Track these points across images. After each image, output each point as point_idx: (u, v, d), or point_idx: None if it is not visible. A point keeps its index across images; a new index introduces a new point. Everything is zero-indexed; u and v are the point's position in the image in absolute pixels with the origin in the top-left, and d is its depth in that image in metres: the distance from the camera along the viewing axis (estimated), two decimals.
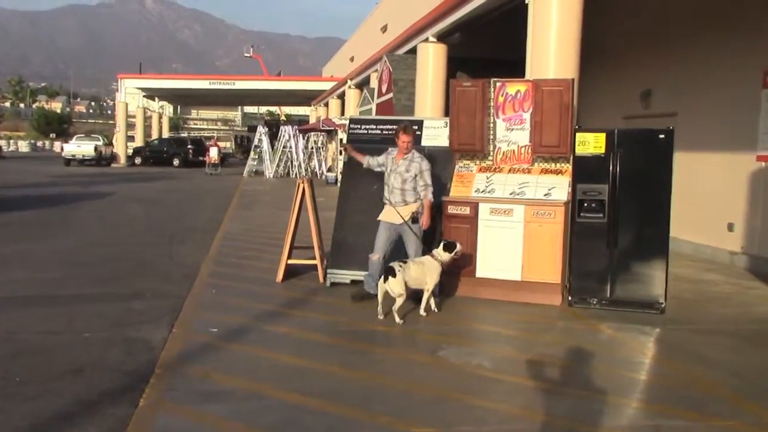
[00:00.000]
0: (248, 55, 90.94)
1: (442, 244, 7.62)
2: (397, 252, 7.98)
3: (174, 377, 5.45)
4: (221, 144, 54.00)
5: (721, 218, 11.55)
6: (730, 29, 11.36)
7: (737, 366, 6.11)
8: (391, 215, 7.94)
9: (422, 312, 7.48)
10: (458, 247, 7.61)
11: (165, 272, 9.64)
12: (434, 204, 8.04)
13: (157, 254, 11.07)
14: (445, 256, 7.52)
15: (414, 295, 7.62)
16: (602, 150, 7.99)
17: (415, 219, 7.89)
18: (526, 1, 10.02)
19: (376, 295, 7.40)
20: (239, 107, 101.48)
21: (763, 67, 10.64)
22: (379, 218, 8.05)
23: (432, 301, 7.57)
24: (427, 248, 7.73)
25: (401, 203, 7.90)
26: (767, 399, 5.23)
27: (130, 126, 53.20)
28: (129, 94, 51.78)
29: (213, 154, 37.96)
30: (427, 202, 7.85)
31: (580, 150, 8.10)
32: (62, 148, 46.75)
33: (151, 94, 56.97)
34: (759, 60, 10.73)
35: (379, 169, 8.27)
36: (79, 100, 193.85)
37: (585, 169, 8.10)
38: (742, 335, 7.12)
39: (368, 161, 8.44)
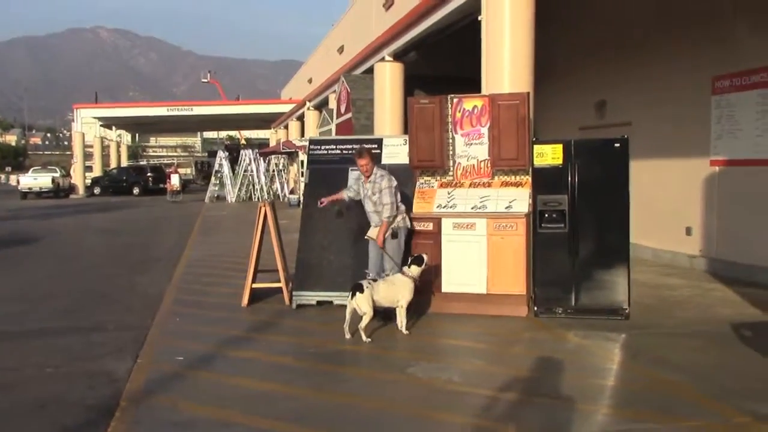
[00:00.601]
0: (206, 80, 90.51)
1: (410, 259, 7.63)
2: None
3: (140, 409, 5.35)
4: (182, 170, 53.65)
5: (679, 223, 11.75)
6: (680, 39, 11.61)
7: (702, 367, 6.19)
8: (373, 233, 8.03)
9: (404, 330, 7.45)
10: (425, 258, 7.62)
11: (127, 303, 9.50)
12: (403, 221, 8.08)
13: (119, 285, 10.90)
14: (415, 271, 7.52)
15: (382, 314, 7.61)
16: (560, 161, 8.10)
17: (394, 234, 7.94)
18: (479, 18, 10.15)
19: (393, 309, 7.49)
20: (198, 133, 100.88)
21: (712, 75, 10.90)
22: (366, 236, 8.15)
23: (401, 321, 7.53)
24: (400, 264, 7.79)
25: (379, 224, 7.95)
26: (733, 398, 5.31)
27: (87, 156, 52.49)
28: (85, 123, 51.23)
29: (174, 181, 37.92)
30: (384, 221, 7.87)
31: (538, 162, 8.20)
32: (18, 181, 45.96)
33: (108, 123, 56.41)
34: (708, 68, 10.98)
35: (359, 198, 8.25)
36: (34, 132, 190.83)
37: (544, 181, 8.19)
38: (705, 336, 7.22)
39: (347, 195, 8.38)
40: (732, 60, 10.55)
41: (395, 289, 7.40)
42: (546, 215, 8.16)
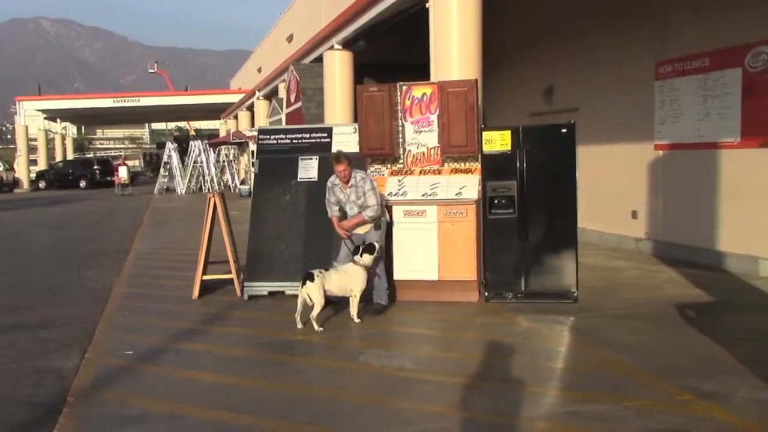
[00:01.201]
0: (153, 71, 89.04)
1: (361, 248, 7.63)
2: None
3: (88, 404, 5.26)
4: (130, 162, 52.72)
5: (625, 207, 11.98)
6: (624, 24, 11.80)
7: (648, 347, 6.34)
8: (360, 228, 7.91)
9: (356, 319, 7.46)
10: (377, 246, 7.63)
11: (75, 298, 9.32)
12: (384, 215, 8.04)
13: (66, 280, 10.69)
14: (367, 259, 7.51)
15: (334, 303, 7.62)
16: (508, 147, 8.18)
17: (377, 225, 7.86)
18: (427, 5, 10.16)
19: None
20: (146, 124, 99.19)
21: (656, 59, 11.11)
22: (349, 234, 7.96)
23: (353, 310, 7.54)
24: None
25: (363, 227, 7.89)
26: (677, 377, 5.44)
27: (32, 149, 51.26)
28: (29, 116, 49.96)
29: (122, 173, 36.91)
30: (360, 215, 7.74)
31: (487, 148, 8.27)
32: None
33: (52, 115, 55.09)
34: (651, 54, 11.19)
35: (341, 204, 7.96)
36: None
37: (493, 167, 8.27)
38: (651, 317, 7.39)
39: (332, 213, 7.98)
40: (674, 45, 10.77)
41: (348, 278, 7.40)
42: (495, 201, 8.24)
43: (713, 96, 10.02)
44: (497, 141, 8.23)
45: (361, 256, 7.52)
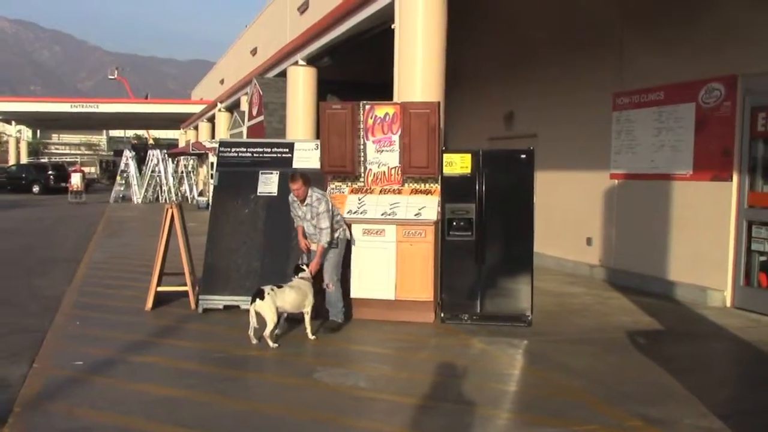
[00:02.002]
0: (113, 77, 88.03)
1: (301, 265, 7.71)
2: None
3: (35, 416, 5.14)
4: (86, 169, 51.77)
5: (580, 233, 12.17)
6: (584, 54, 12.06)
7: (598, 372, 6.44)
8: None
9: (310, 336, 7.45)
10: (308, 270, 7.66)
11: (23, 306, 9.13)
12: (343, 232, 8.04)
13: (15, 287, 10.46)
14: (308, 274, 7.60)
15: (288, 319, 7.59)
16: (468, 170, 8.28)
17: (335, 243, 7.87)
18: (392, 26, 10.26)
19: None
20: (104, 131, 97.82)
21: (613, 91, 11.36)
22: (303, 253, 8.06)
23: (308, 326, 7.52)
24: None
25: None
26: (627, 403, 5.53)
27: None
28: None
29: (75, 180, 34.79)
30: (320, 248, 7.69)
31: (447, 170, 8.36)
32: None
33: (7, 117, 54.09)
34: (610, 85, 11.45)
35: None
36: None
37: (453, 189, 8.35)
38: (602, 343, 7.51)
39: (296, 220, 8.07)
40: (630, 78, 11.04)
41: (301, 294, 7.39)
42: (454, 223, 8.32)
43: (667, 129, 10.29)
44: (458, 163, 8.32)
45: (295, 275, 7.58)
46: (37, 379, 5.98)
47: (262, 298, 7.08)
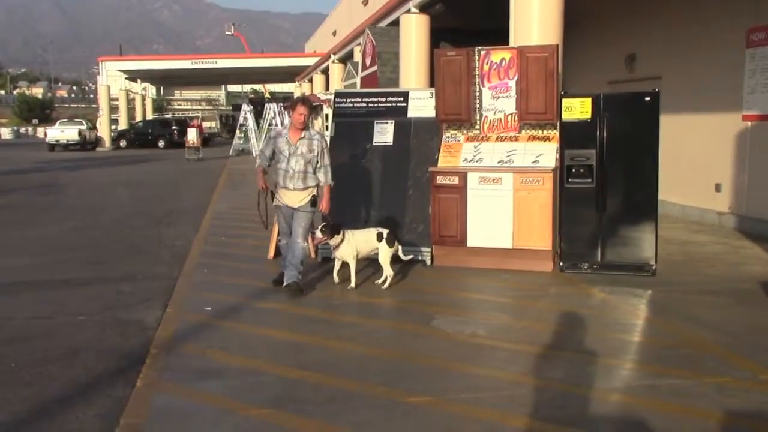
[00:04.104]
0: (229, 33, 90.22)
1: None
2: None
3: (169, 357, 5.44)
4: (206, 124, 53.52)
5: (708, 179, 11.60)
6: None
7: (729, 324, 6.16)
8: (290, 199, 7.31)
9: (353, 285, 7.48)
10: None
11: (155, 254, 9.61)
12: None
13: (147, 236, 11.03)
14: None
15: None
16: (588, 115, 7.99)
17: (313, 202, 7.40)
18: None
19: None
20: (223, 86, 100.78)
21: (747, 27, 10.63)
22: (276, 204, 7.44)
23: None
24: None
25: (301, 188, 7.26)
26: (759, 355, 5.29)
27: (113, 109, 52.61)
28: (111, 76, 51.19)
29: (191, 136, 32.36)
30: (327, 187, 7.41)
31: (566, 116, 8.09)
32: (46, 134, 46.26)
33: (133, 76, 56.42)
34: (742, 20, 10.71)
35: (271, 160, 7.45)
36: (60, 84, 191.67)
37: (572, 135, 8.10)
38: (733, 294, 7.17)
39: (260, 163, 7.53)
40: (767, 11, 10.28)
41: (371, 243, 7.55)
42: (573, 170, 8.08)
43: None
44: (577, 108, 8.05)
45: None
46: (171, 323, 6.31)
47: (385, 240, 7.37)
